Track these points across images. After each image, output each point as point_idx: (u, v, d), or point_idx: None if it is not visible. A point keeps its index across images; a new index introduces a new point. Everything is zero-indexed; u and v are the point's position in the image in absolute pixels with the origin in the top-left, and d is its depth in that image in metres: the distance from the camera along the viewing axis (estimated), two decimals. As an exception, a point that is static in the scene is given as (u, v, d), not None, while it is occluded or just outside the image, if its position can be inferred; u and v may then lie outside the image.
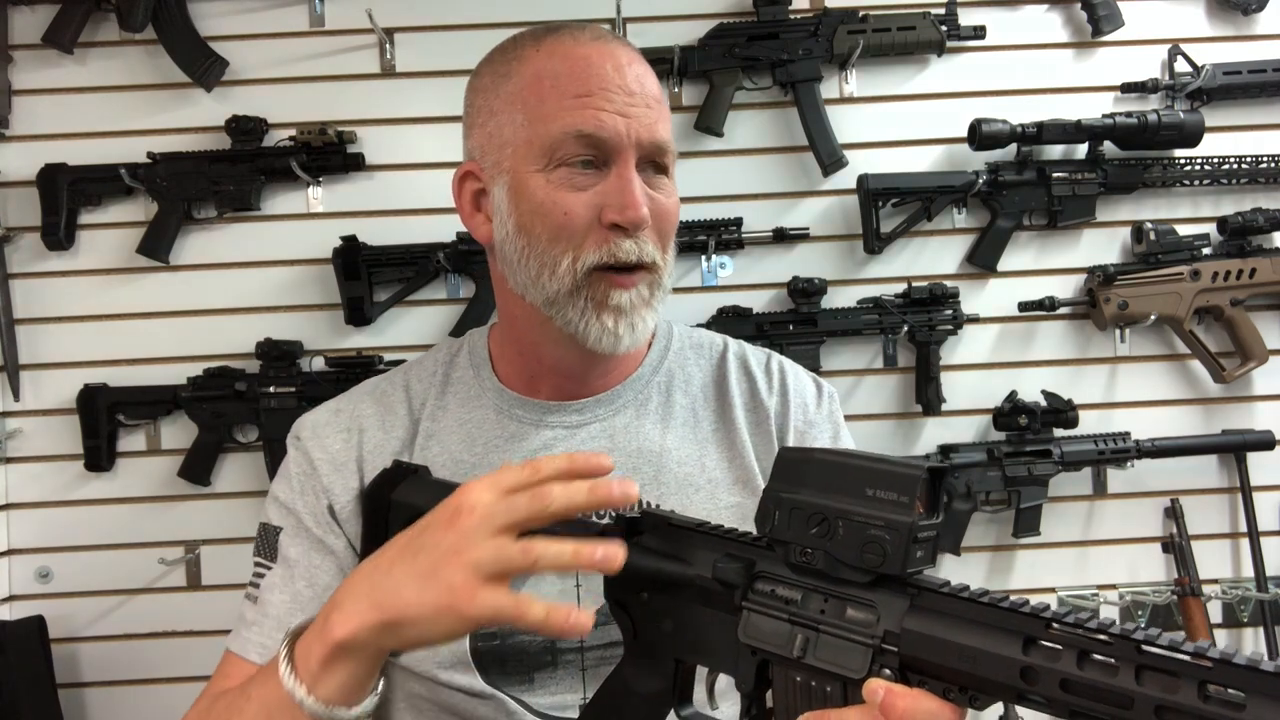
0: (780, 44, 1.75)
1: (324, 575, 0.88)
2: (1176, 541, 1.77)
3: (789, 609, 0.60)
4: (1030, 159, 1.77)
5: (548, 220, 0.84)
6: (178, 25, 1.74)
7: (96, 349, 1.78)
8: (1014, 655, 0.51)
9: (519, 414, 0.93)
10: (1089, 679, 0.48)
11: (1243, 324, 1.76)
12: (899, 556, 0.55)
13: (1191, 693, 0.45)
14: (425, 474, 0.86)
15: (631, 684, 0.70)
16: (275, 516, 0.91)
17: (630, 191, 0.83)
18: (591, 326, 0.84)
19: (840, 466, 0.60)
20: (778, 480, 0.62)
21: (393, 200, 1.80)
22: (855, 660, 0.56)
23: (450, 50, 1.79)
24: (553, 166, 0.84)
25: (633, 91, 0.85)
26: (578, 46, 0.87)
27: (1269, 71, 1.76)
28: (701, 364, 0.99)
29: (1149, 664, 0.47)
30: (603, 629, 0.86)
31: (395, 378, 0.98)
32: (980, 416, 1.80)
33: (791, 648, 0.59)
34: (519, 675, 0.86)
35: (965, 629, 0.53)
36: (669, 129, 0.88)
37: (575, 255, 0.83)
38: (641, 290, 0.86)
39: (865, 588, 0.57)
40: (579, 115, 0.83)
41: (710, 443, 0.94)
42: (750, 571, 0.63)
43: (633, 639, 0.70)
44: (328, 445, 0.92)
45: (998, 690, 0.52)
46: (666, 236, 0.88)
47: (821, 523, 0.59)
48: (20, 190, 1.77)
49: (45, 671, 1.68)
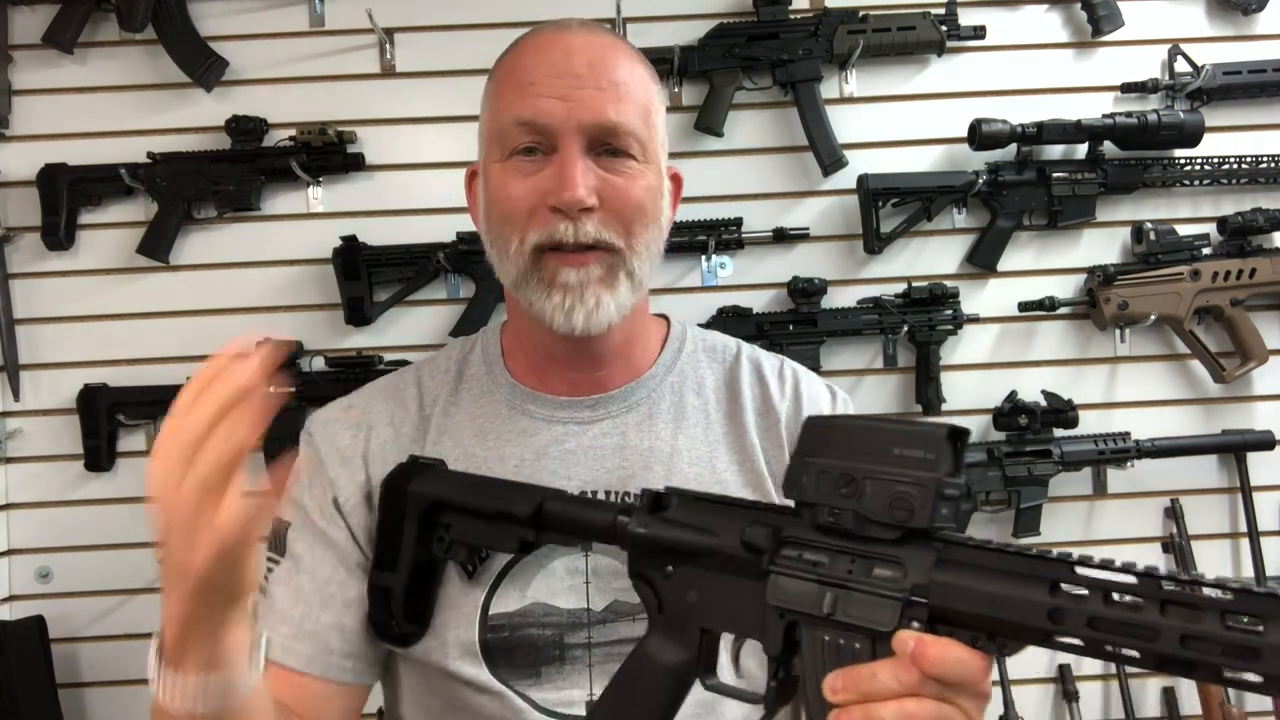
0: (780, 44, 1.75)
1: (324, 569, 0.89)
2: (1176, 541, 1.77)
3: (817, 570, 0.61)
4: (1030, 159, 1.77)
5: (500, 206, 0.86)
6: (178, 25, 1.74)
7: (96, 349, 1.78)
8: (1041, 598, 0.52)
9: (531, 409, 0.93)
10: (1115, 615, 0.50)
11: (1243, 324, 1.76)
12: (927, 510, 0.57)
13: (1215, 622, 0.48)
14: (441, 467, 0.87)
15: (656, 657, 0.71)
16: (285, 512, 0.92)
17: (566, 174, 0.83)
18: (546, 305, 0.85)
19: (866, 430, 0.62)
20: (804, 447, 0.64)
21: (393, 200, 1.80)
22: (884, 614, 0.57)
23: (450, 50, 1.79)
24: (505, 155, 0.86)
25: (578, 74, 0.85)
26: (538, 38, 0.89)
27: (1269, 71, 1.77)
28: (714, 367, 0.99)
29: (1172, 598, 0.49)
30: (610, 625, 0.87)
31: (408, 374, 0.99)
32: (980, 416, 1.80)
33: (821, 606, 0.60)
34: (526, 669, 0.86)
35: (992, 578, 0.55)
36: (630, 110, 0.86)
37: (520, 237, 0.85)
38: (593, 269, 0.85)
39: (892, 545, 0.59)
40: (520, 104, 0.85)
41: (721, 445, 0.94)
42: (778, 536, 0.64)
43: (658, 612, 0.72)
44: (336, 440, 0.93)
45: (1026, 634, 0.53)
46: (627, 220, 0.86)
47: (850, 483, 0.60)
48: (20, 190, 1.77)
49: (45, 671, 1.68)
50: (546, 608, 0.87)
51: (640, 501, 0.74)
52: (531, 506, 0.79)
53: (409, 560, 0.84)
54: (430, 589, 0.86)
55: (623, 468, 0.90)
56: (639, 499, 0.75)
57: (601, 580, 0.87)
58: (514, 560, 0.86)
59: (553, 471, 0.89)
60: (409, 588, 0.85)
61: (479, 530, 0.82)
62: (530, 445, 0.91)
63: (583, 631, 0.87)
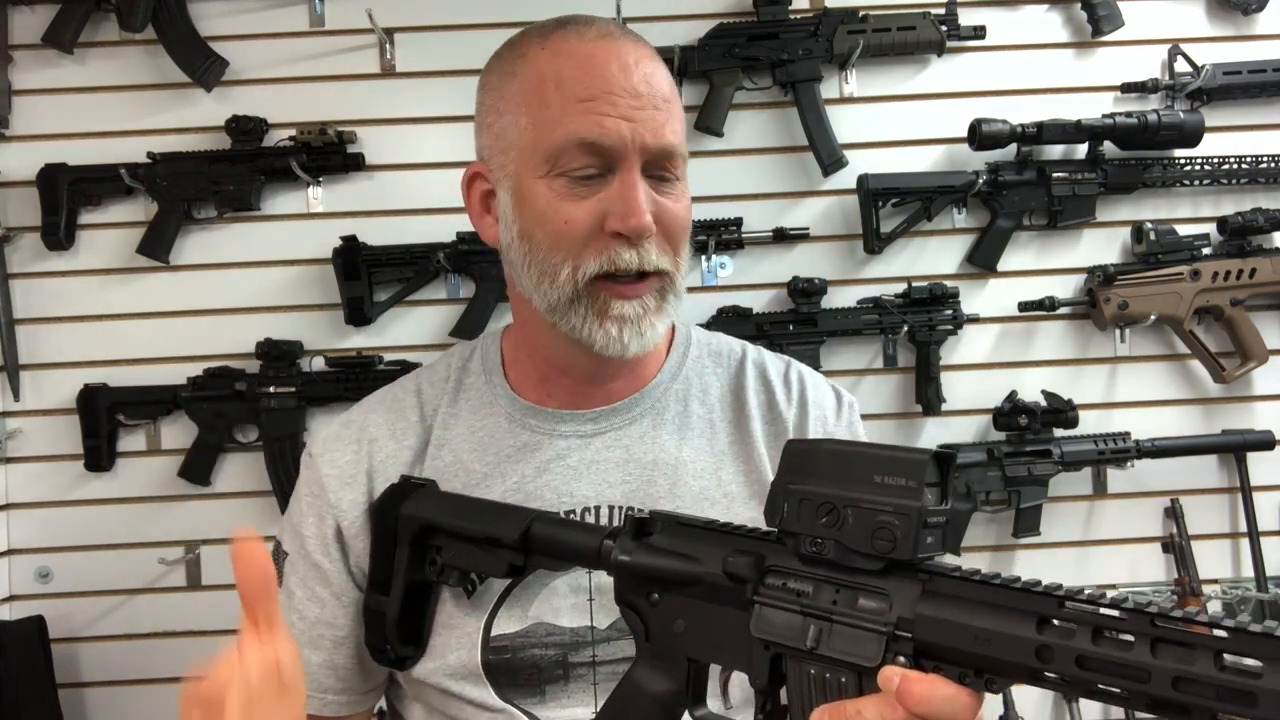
0: (780, 44, 1.75)
1: (314, 608, 0.88)
2: (1176, 541, 1.77)
3: (801, 601, 0.59)
4: (1030, 159, 1.77)
5: (548, 228, 0.82)
6: (178, 25, 1.74)
7: (96, 349, 1.78)
8: (1029, 635, 0.50)
9: (531, 423, 0.91)
10: (1105, 654, 0.48)
11: (1243, 324, 1.76)
12: (910, 541, 0.55)
13: (1208, 663, 0.45)
14: (433, 488, 0.86)
15: (644, 686, 0.69)
16: (285, 539, 0.91)
17: (633, 199, 0.80)
18: (596, 334, 0.82)
19: (847, 455, 0.60)
20: (786, 472, 0.62)
21: (393, 200, 1.80)
22: (869, 648, 0.56)
23: (450, 50, 1.79)
24: (555, 173, 0.82)
25: (639, 93, 0.82)
26: (583, 45, 0.84)
27: (1269, 71, 1.76)
28: (719, 373, 0.97)
29: (1164, 636, 0.47)
30: (615, 644, 0.85)
31: (408, 383, 0.97)
32: (980, 416, 1.80)
33: (805, 639, 0.58)
34: (530, 688, 0.84)
35: (978, 611, 0.53)
36: (680, 129, 0.85)
37: (575, 264, 0.81)
38: (648, 300, 0.83)
39: (877, 575, 0.57)
40: (582, 121, 0.80)
41: (727, 455, 0.92)
42: (761, 565, 0.62)
43: (645, 640, 0.70)
44: (337, 459, 0.91)
45: (1013, 671, 0.51)
46: (677, 242, 0.85)
47: (830, 512, 0.58)
48: (20, 190, 1.77)
49: (45, 671, 1.68)
50: (550, 627, 0.85)
51: (625, 526, 0.72)
52: (518, 531, 0.77)
53: (402, 584, 0.83)
54: (424, 612, 0.85)
55: (626, 482, 0.88)
56: (624, 521, 0.73)
57: (605, 598, 0.83)
58: (515, 581, 0.85)
59: (555, 488, 0.87)
60: (403, 611, 0.83)
61: (469, 554, 0.81)
62: (532, 461, 0.89)
63: (587, 650, 0.85)
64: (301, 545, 0.89)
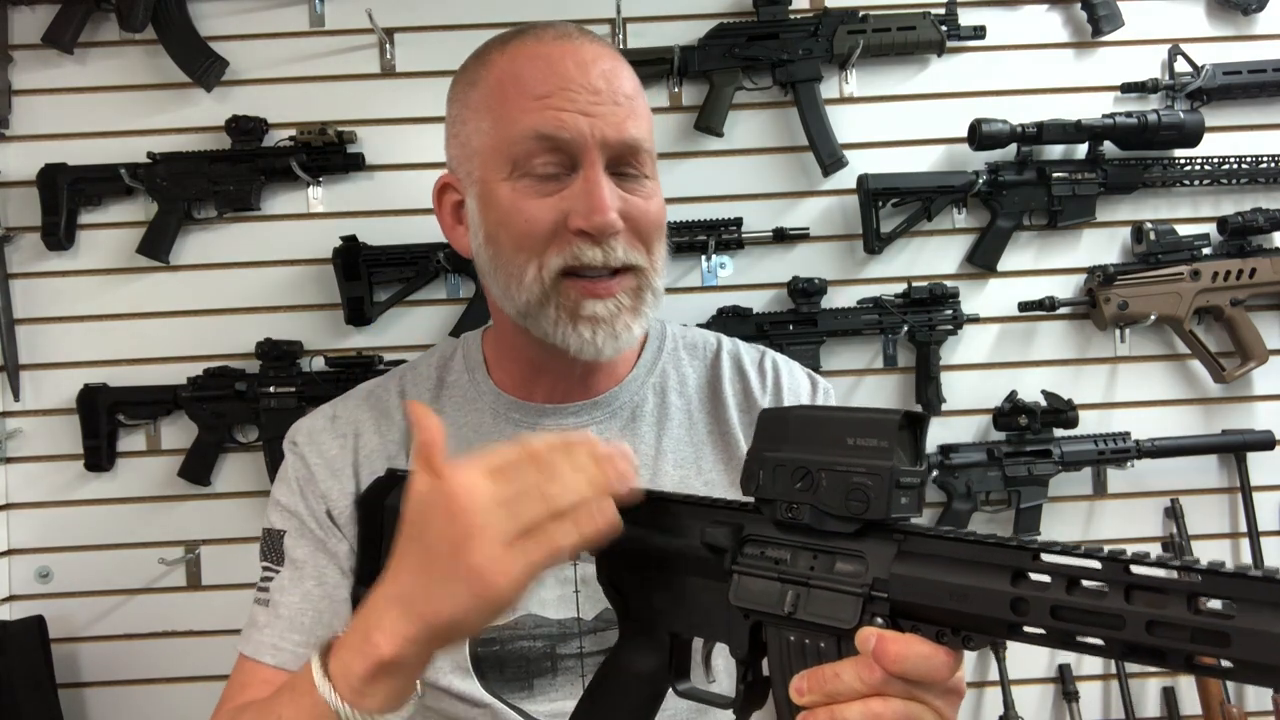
0: (780, 44, 1.75)
1: (331, 574, 0.88)
2: (1176, 541, 1.77)
3: (778, 568, 0.60)
4: (1030, 159, 1.77)
5: (511, 229, 0.81)
6: (178, 25, 1.74)
7: (96, 349, 1.78)
8: (1003, 588, 0.50)
9: (515, 417, 0.92)
10: (1078, 603, 0.48)
11: (1243, 324, 1.76)
12: (883, 501, 0.55)
13: (1181, 606, 0.45)
14: None
15: (628, 664, 0.70)
16: (278, 520, 0.91)
17: (597, 195, 0.79)
18: (570, 337, 0.82)
19: (819, 420, 0.60)
20: (760, 441, 0.62)
21: (393, 200, 1.80)
22: (846, 611, 0.56)
23: (450, 50, 1.77)
24: (519, 174, 0.81)
25: (598, 89, 0.81)
26: (540, 46, 0.84)
27: (1269, 71, 1.76)
28: (695, 364, 0.98)
29: (1138, 583, 0.47)
30: (602, 635, 0.86)
31: (389, 382, 0.97)
32: (980, 416, 1.80)
33: (782, 605, 0.59)
34: (518, 681, 0.85)
35: (953, 568, 0.53)
36: (644, 126, 0.84)
37: (540, 263, 0.81)
38: (621, 299, 0.83)
39: (852, 538, 0.57)
40: (539, 116, 0.80)
41: (706, 445, 0.94)
42: (739, 535, 0.63)
43: (626, 618, 0.70)
44: (324, 450, 0.91)
45: (990, 626, 0.51)
46: (649, 239, 0.84)
47: (805, 476, 0.59)
48: (20, 190, 1.77)
49: (45, 671, 1.68)
50: (537, 619, 0.86)
51: None
52: None
53: None
54: None
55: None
56: None
57: (591, 589, 0.84)
58: None
59: None
60: None
61: None
62: None
63: (574, 641, 0.86)
64: (301, 522, 0.89)
